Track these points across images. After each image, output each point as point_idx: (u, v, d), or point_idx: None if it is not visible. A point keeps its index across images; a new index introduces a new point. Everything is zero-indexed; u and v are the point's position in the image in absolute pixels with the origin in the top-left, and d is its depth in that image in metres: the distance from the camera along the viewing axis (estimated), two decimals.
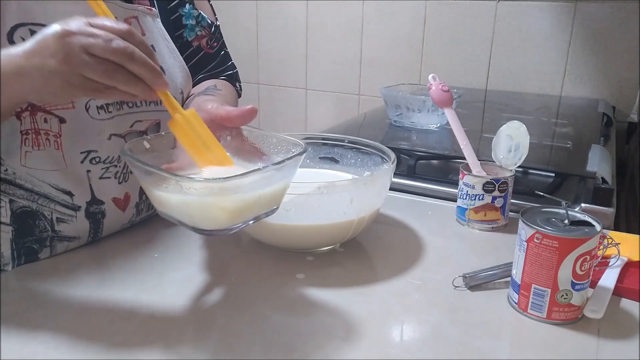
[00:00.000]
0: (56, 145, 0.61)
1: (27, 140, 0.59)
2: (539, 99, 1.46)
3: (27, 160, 0.60)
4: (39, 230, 0.62)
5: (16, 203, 0.60)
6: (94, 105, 0.63)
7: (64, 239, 0.65)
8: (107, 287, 0.58)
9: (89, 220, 0.65)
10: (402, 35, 1.63)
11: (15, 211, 0.61)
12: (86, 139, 0.63)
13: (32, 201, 0.61)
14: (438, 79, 0.80)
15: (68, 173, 0.63)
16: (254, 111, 0.59)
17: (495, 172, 0.75)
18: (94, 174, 0.65)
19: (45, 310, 0.54)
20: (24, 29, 0.57)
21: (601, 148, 0.99)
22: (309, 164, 0.80)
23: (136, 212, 0.72)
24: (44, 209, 0.62)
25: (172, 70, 0.72)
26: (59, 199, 0.63)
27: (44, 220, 0.62)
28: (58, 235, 0.64)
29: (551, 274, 0.51)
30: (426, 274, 0.62)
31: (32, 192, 0.61)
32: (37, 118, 0.59)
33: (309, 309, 0.55)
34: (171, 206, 0.52)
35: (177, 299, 0.56)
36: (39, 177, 0.61)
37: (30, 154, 0.60)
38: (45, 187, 0.61)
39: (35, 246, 0.63)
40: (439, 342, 0.50)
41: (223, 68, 0.85)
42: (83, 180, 0.64)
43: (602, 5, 1.38)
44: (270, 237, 0.66)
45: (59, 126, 0.61)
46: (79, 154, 0.63)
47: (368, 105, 1.71)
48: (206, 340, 0.50)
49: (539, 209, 0.56)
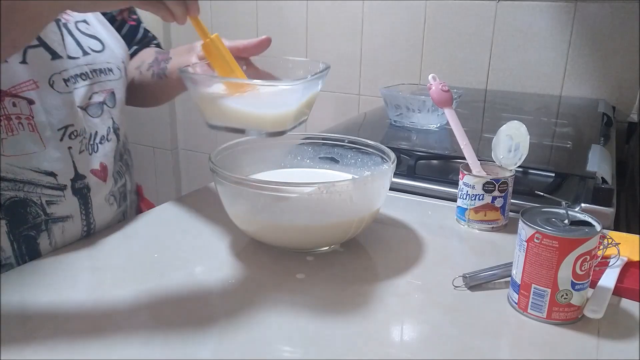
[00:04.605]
0: (30, 128, 0.62)
1: (0, 127, 0.60)
2: (539, 99, 1.46)
3: (4, 148, 0.60)
4: (32, 217, 0.63)
5: (3, 196, 0.61)
6: (59, 80, 0.65)
7: (58, 220, 0.65)
8: (107, 287, 0.58)
9: (76, 197, 0.67)
10: (402, 35, 1.63)
11: (4, 203, 0.61)
12: (60, 114, 0.65)
13: (19, 190, 0.62)
14: (438, 79, 0.80)
15: (48, 153, 0.63)
16: (268, 40, 0.66)
17: (495, 172, 0.75)
18: (75, 149, 0.66)
19: (45, 310, 0.54)
20: None
21: (601, 148, 0.99)
22: (308, 164, 0.80)
23: (114, 181, 0.73)
24: (32, 195, 0.62)
25: (110, 42, 0.75)
26: (43, 182, 0.63)
27: (34, 206, 0.63)
28: (51, 217, 0.64)
29: (551, 274, 0.51)
30: (426, 274, 0.62)
31: (16, 182, 0.61)
32: (5, 104, 0.60)
33: (309, 309, 0.55)
34: (240, 115, 0.59)
35: (177, 299, 0.56)
36: (19, 165, 0.61)
37: (6, 140, 0.60)
38: (27, 173, 0.62)
39: (32, 233, 0.63)
40: (439, 342, 0.50)
41: (149, 38, 0.89)
42: (65, 157, 0.65)
43: (602, 5, 1.38)
44: (270, 237, 0.66)
45: (29, 107, 0.62)
46: (56, 132, 0.64)
47: (368, 105, 1.71)
48: (206, 340, 0.50)
49: (539, 209, 0.56)
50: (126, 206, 0.79)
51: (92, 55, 0.71)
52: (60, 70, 0.66)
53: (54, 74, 0.65)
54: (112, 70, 0.74)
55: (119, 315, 0.53)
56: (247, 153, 0.75)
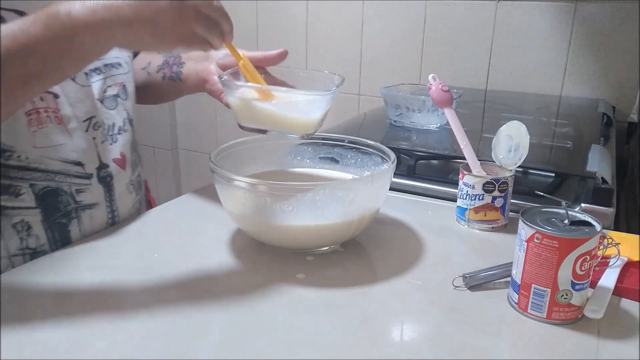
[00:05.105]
0: (57, 120, 0.66)
1: (32, 120, 0.63)
2: (539, 99, 1.46)
3: (35, 140, 0.64)
4: (64, 205, 0.67)
5: (37, 186, 0.64)
6: (80, 73, 0.69)
7: (86, 207, 0.69)
8: (107, 287, 0.58)
9: (101, 185, 0.70)
10: (402, 35, 1.63)
11: (38, 193, 0.64)
12: (84, 106, 0.69)
13: (50, 180, 0.65)
14: (438, 79, 0.80)
15: (74, 144, 0.67)
16: (286, 52, 0.74)
17: (495, 172, 0.75)
18: (98, 139, 0.71)
19: (45, 310, 0.54)
20: None
21: (601, 148, 0.99)
22: (308, 164, 0.80)
23: (131, 170, 0.77)
24: (62, 185, 0.66)
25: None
26: (72, 172, 0.67)
27: (65, 194, 0.67)
28: (80, 205, 0.68)
29: (551, 274, 0.51)
30: (426, 274, 0.62)
31: (48, 172, 0.65)
32: (34, 98, 0.63)
33: (309, 309, 0.55)
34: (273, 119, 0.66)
35: (177, 299, 0.56)
36: (49, 156, 0.65)
37: (36, 133, 0.64)
38: (57, 164, 0.66)
39: (63, 220, 0.67)
40: (439, 342, 0.50)
41: None
42: (90, 147, 0.70)
43: (602, 5, 1.38)
44: (270, 237, 0.66)
45: (55, 101, 0.65)
46: (82, 123, 0.68)
47: (368, 105, 1.71)
48: (206, 340, 0.50)
49: (539, 209, 0.56)
50: (141, 195, 0.83)
51: None
52: None
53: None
54: (121, 65, 0.78)
55: (119, 316, 0.53)
56: (247, 153, 0.75)
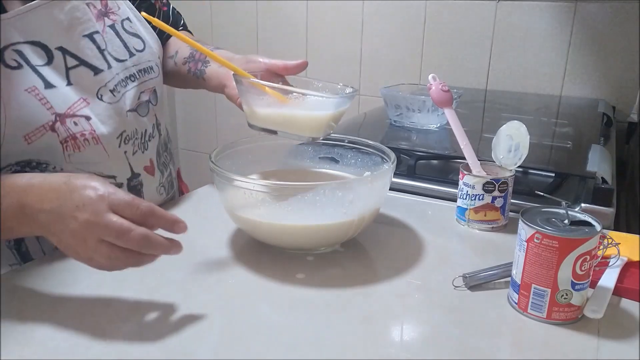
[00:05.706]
0: (95, 141, 0.67)
1: (68, 146, 0.64)
2: (539, 99, 1.46)
3: (71, 160, 0.65)
4: None
5: None
6: (105, 92, 0.69)
7: None
8: (107, 287, 0.58)
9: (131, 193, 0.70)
10: (402, 35, 1.63)
11: None
12: (114, 122, 0.69)
13: None
14: (438, 79, 0.80)
15: (110, 160, 0.69)
16: (306, 63, 0.75)
17: (495, 172, 0.75)
18: (129, 152, 0.72)
19: (45, 311, 0.54)
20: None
21: (601, 148, 0.99)
22: (309, 164, 0.80)
23: (160, 173, 0.79)
24: None
25: (148, 38, 0.79)
26: None
27: None
28: None
29: (551, 274, 0.51)
30: (426, 274, 0.62)
31: None
32: (68, 125, 0.64)
33: (309, 309, 0.55)
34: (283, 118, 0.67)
35: (177, 299, 0.56)
36: (84, 169, 0.66)
37: (73, 156, 0.65)
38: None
39: None
40: (439, 342, 0.50)
41: (180, 20, 0.93)
42: (123, 161, 0.71)
43: (602, 5, 1.38)
44: (270, 237, 0.66)
45: (89, 123, 0.66)
46: (115, 139, 0.69)
47: (368, 105, 1.70)
48: (206, 340, 0.50)
49: (539, 209, 0.56)
50: (174, 192, 0.85)
51: (137, 55, 0.75)
52: (105, 83, 0.69)
53: (100, 87, 0.69)
54: (152, 69, 0.78)
55: (119, 316, 0.53)
56: (247, 153, 0.75)
